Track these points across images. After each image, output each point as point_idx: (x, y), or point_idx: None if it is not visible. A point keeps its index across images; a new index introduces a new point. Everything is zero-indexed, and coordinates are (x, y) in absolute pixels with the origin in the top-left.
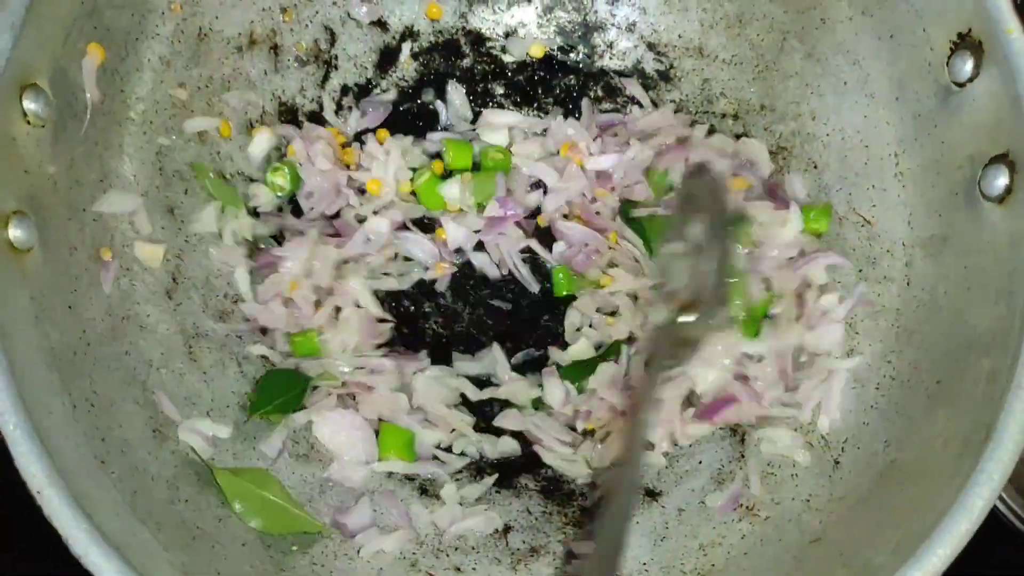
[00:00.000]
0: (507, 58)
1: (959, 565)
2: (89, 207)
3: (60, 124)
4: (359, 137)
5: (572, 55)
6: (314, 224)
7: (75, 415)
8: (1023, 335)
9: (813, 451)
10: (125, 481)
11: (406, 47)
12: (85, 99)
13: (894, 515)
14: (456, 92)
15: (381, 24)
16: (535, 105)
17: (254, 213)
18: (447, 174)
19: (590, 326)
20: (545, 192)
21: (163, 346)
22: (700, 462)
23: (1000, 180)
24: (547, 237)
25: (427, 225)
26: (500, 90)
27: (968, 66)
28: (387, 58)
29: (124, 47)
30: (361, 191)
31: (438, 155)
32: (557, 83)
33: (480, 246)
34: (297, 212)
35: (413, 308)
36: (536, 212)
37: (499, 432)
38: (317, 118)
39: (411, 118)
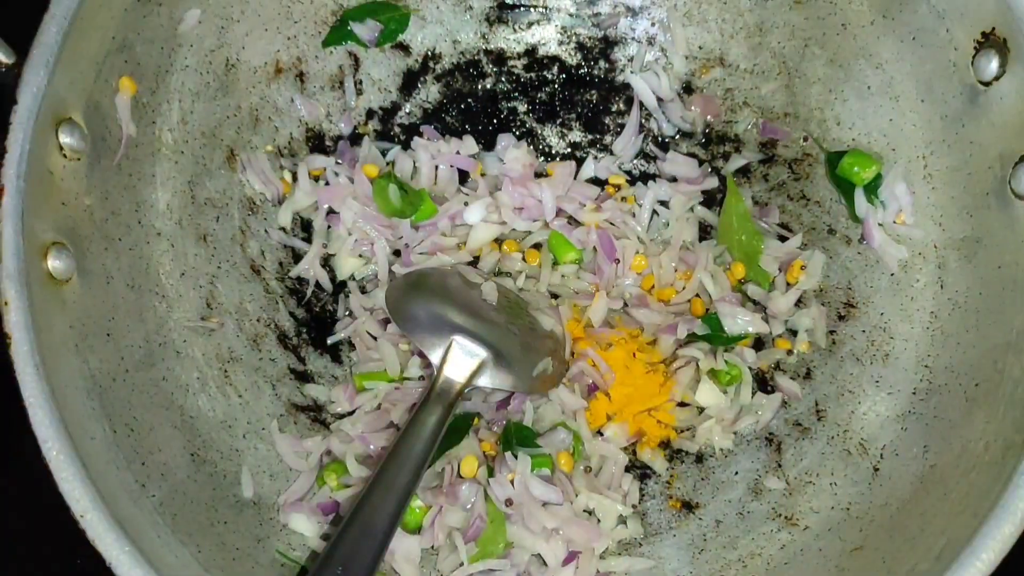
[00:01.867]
0: (528, 75)
1: (1004, 569)
2: (125, 237)
3: (95, 157)
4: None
5: (593, 71)
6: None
7: (116, 440)
8: None
9: (851, 459)
10: (166, 504)
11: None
12: (119, 132)
13: (936, 521)
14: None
15: (403, 48)
16: (558, 122)
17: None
18: None
19: None
20: None
21: (199, 371)
22: (736, 473)
23: None
24: None
25: None
26: (523, 108)
27: (993, 65)
28: (410, 81)
29: (155, 80)
30: None
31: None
32: (579, 99)
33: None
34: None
35: None
36: None
37: None
38: (345, 141)
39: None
